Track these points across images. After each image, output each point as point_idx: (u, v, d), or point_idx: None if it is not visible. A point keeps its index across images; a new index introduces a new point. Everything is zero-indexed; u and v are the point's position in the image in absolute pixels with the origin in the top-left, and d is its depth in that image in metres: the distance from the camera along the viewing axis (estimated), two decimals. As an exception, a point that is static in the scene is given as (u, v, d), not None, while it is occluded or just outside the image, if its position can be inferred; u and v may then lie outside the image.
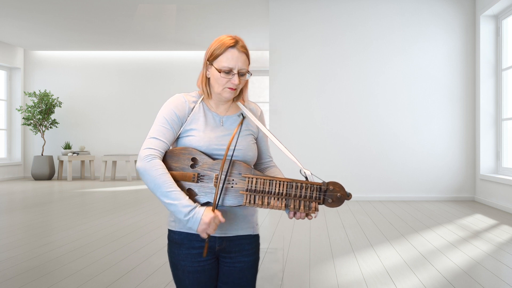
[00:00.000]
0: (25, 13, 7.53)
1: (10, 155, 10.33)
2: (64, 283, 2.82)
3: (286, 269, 3.13)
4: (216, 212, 1.37)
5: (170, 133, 1.47)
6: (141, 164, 1.41)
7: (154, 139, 1.45)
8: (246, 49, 1.49)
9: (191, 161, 1.43)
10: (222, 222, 1.38)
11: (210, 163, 1.43)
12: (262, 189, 1.39)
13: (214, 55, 1.47)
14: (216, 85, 1.48)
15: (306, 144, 6.61)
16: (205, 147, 1.45)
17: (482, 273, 3.03)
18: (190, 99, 1.52)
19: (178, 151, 1.45)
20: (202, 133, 1.47)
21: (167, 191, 1.37)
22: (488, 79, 6.28)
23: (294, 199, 1.39)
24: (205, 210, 1.37)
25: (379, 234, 4.22)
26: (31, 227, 4.55)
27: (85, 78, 10.54)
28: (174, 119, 1.48)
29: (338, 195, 1.40)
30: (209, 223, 1.35)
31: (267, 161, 1.66)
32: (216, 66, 1.46)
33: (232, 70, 1.45)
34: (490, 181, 6.00)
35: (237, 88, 1.49)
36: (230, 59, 1.45)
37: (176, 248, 1.49)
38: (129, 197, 6.93)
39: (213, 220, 1.36)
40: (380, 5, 6.65)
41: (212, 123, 1.50)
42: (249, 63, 1.50)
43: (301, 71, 6.70)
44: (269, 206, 1.39)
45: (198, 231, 1.37)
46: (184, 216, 1.36)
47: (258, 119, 1.58)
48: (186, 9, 7.35)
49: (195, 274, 1.48)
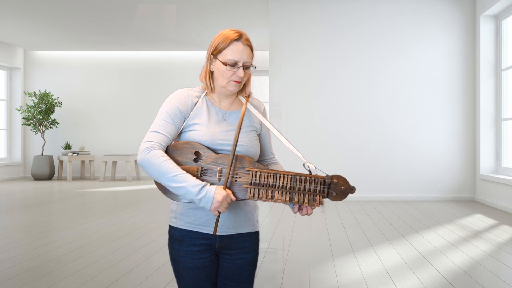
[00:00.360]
0: (25, 13, 7.53)
1: (10, 155, 10.33)
2: (64, 283, 2.82)
3: (286, 269, 3.13)
4: (228, 191, 1.38)
5: (172, 127, 1.47)
6: (141, 156, 1.41)
7: (155, 132, 1.45)
8: (250, 42, 1.51)
9: (194, 155, 1.44)
10: (234, 200, 1.40)
11: (214, 157, 1.43)
12: (266, 182, 1.39)
13: (218, 48, 1.47)
14: (221, 78, 1.48)
15: (306, 144, 6.61)
16: (208, 142, 1.45)
17: (482, 273, 3.03)
18: (193, 93, 1.53)
19: (181, 145, 1.45)
20: (205, 127, 1.47)
21: (173, 175, 1.37)
22: (488, 79, 6.28)
23: (298, 192, 1.39)
24: (217, 188, 1.37)
25: (379, 234, 4.22)
26: (31, 227, 4.55)
27: (85, 78, 10.54)
28: (176, 114, 1.48)
29: (342, 188, 1.40)
30: (222, 201, 1.35)
31: (270, 157, 1.66)
32: (221, 59, 1.47)
33: (237, 63, 1.46)
34: (490, 181, 6.00)
35: (242, 81, 1.49)
36: (235, 52, 1.46)
37: (177, 244, 1.50)
38: (129, 197, 6.93)
39: (226, 199, 1.36)
40: (380, 5, 6.65)
41: (215, 118, 1.50)
42: (253, 56, 1.51)
43: (301, 71, 6.70)
44: (273, 199, 1.39)
45: (211, 210, 1.36)
46: (196, 195, 1.35)
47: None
48: (186, 9, 7.35)
49: (195, 270, 1.49)
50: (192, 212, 1.48)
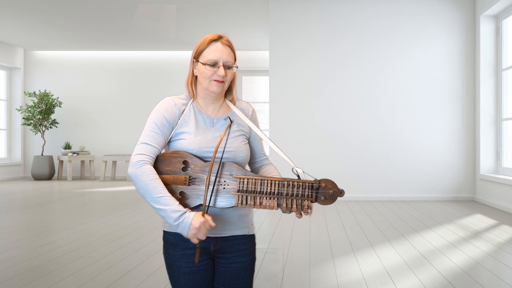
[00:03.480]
0: (25, 13, 7.53)
1: (10, 155, 10.33)
2: (64, 283, 2.82)
3: (286, 269, 3.13)
4: (206, 217, 1.35)
5: (161, 138, 1.47)
6: (132, 170, 1.40)
7: (145, 144, 1.45)
8: (230, 43, 1.51)
9: (182, 164, 1.43)
10: (213, 226, 1.37)
11: (201, 166, 1.42)
12: (253, 189, 1.38)
13: (198, 51, 1.49)
14: (203, 79, 1.48)
15: (306, 144, 6.61)
16: (196, 150, 1.45)
17: (482, 273, 3.03)
18: (180, 101, 1.52)
19: (169, 154, 1.44)
20: (193, 136, 1.46)
21: (157, 196, 1.36)
22: (488, 79, 6.28)
23: (286, 198, 1.38)
24: (195, 215, 1.35)
25: (379, 234, 4.22)
26: (31, 227, 4.55)
27: (85, 78, 10.54)
28: (164, 123, 1.48)
29: (330, 192, 1.38)
30: (199, 228, 1.33)
31: (262, 159, 1.64)
32: (202, 61, 1.48)
33: (217, 62, 1.46)
34: (490, 181, 6.00)
35: (224, 81, 1.48)
36: (214, 51, 1.46)
37: (171, 249, 1.49)
38: (129, 197, 6.93)
39: (203, 225, 1.34)
40: (380, 5, 6.65)
41: (202, 125, 1.50)
42: (235, 57, 1.51)
43: (301, 71, 6.70)
44: (262, 206, 1.37)
45: (188, 236, 1.35)
46: (174, 221, 1.35)
47: (249, 119, 1.58)
48: (186, 9, 7.35)
49: (191, 275, 1.47)
50: None
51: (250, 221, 1.56)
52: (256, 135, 1.60)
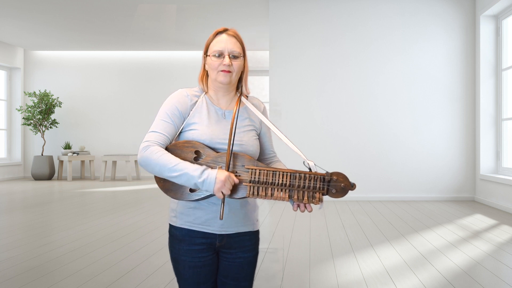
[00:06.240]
0: (25, 13, 7.53)
1: (10, 155, 10.33)
2: (64, 283, 2.82)
3: (286, 269, 3.13)
4: (229, 173, 1.38)
5: (171, 127, 1.48)
6: (140, 155, 1.42)
7: (154, 132, 1.46)
8: (236, 33, 1.53)
9: (194, 154, 1.44)
10: (236, 183, 1.38)
11: (214, 156, 1.44)
12: (265, 180, 1.39)
13: (206, 45, 1.53)
14: (211, 71, 1.51)
15: (306, 144, 6.61)
16: (208, 141, 1.46)
17: (482, 273, 3.03)
18: (193, 93, 1.54)
19: (181, 144, 1.45)
20: (205, 127, 1.48)
21: (172, 165, 1.37)
22: (488, 79, 6.28)
23: (298, 189, 1.39)
24: (218, 170, 1.37)
25: (379, 234, 4.22)
26: (31, 227, 4.55)
27: (85, 78, 10.54)
28: (175, 113, 1.49)
29: (342, 186, 1.39)
30: (224, 180, 1.34)
31: (271, 156, 1.66)
32: (209, 53, 1.51)
33: (222, 52, 1.48)
34: (490, 181, 6.00)
35: (231, 71, 1.49)
36: (219, 42, 1.49)
37: (177, 243, 1.51)
38: (129, 197, 6.93)
39: (228, 179, 1.36)
40: (380, 5, 6.65)
41: (214, 117, 1.51)
42: (242, 48, 1.52)
43: (301, 71, 6.70)
44: (273, 197, 1.38)
45: (214, 191, 1.35)
46: (198, 178, 1.35)
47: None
48: (186, 9, 7.35)
49: (196, 269, 1.50)
50: (192, 212, 1.48)
51: (255, 218, 1.59)
52: (266, 131, 1.62)
